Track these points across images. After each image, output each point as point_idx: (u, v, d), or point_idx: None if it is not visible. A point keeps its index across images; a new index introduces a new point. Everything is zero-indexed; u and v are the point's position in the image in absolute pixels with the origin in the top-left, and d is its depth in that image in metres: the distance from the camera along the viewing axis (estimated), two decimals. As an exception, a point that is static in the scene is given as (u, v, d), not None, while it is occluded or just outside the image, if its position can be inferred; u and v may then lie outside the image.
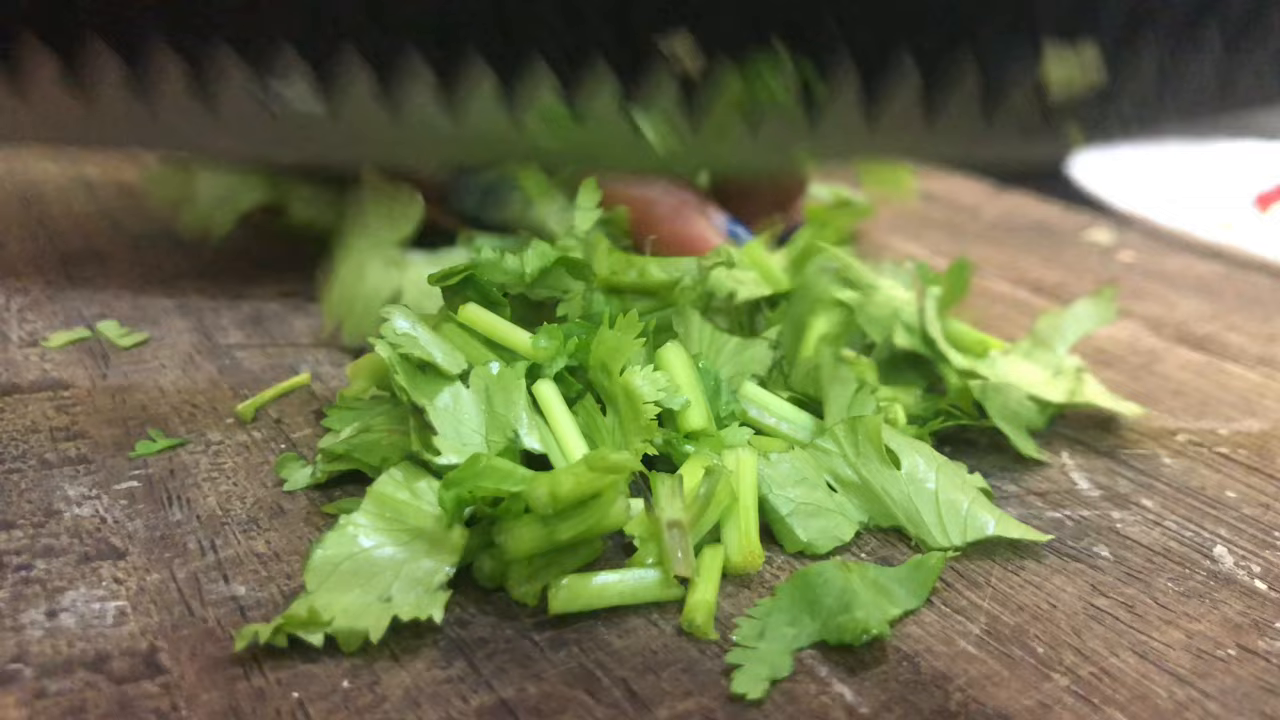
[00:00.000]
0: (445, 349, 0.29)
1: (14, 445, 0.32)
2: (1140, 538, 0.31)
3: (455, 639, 0.25)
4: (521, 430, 0.29)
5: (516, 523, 0.25)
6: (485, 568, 0.26)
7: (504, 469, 0.26)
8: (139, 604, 0.25)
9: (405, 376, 0.28)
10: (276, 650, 0.24)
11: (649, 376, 0.29)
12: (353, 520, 0.26)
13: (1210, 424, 0.39)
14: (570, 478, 0.25)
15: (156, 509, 0.29)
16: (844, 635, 0.25)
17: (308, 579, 0.25)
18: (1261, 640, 0.27)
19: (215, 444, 0.33)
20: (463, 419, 0.28)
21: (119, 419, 0.34)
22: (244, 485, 0.31)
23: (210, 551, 0.27)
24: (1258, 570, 0.30)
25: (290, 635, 0.24)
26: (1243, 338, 0.48)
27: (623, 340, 0.30)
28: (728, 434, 0.31)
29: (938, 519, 0.30)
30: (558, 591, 0.25)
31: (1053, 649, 0.26)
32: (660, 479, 0.26)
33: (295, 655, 0.24)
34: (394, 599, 0.24)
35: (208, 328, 0.41)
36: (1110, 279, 0.56)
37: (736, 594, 0.27)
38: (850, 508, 0.30)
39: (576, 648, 0.25)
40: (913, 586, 0.27)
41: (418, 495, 0.26)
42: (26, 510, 0.29)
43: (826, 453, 0.31)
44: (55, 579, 0.26)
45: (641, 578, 0.26)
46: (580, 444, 0.29)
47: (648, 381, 0.29)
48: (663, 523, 0.25)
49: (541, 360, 0.30)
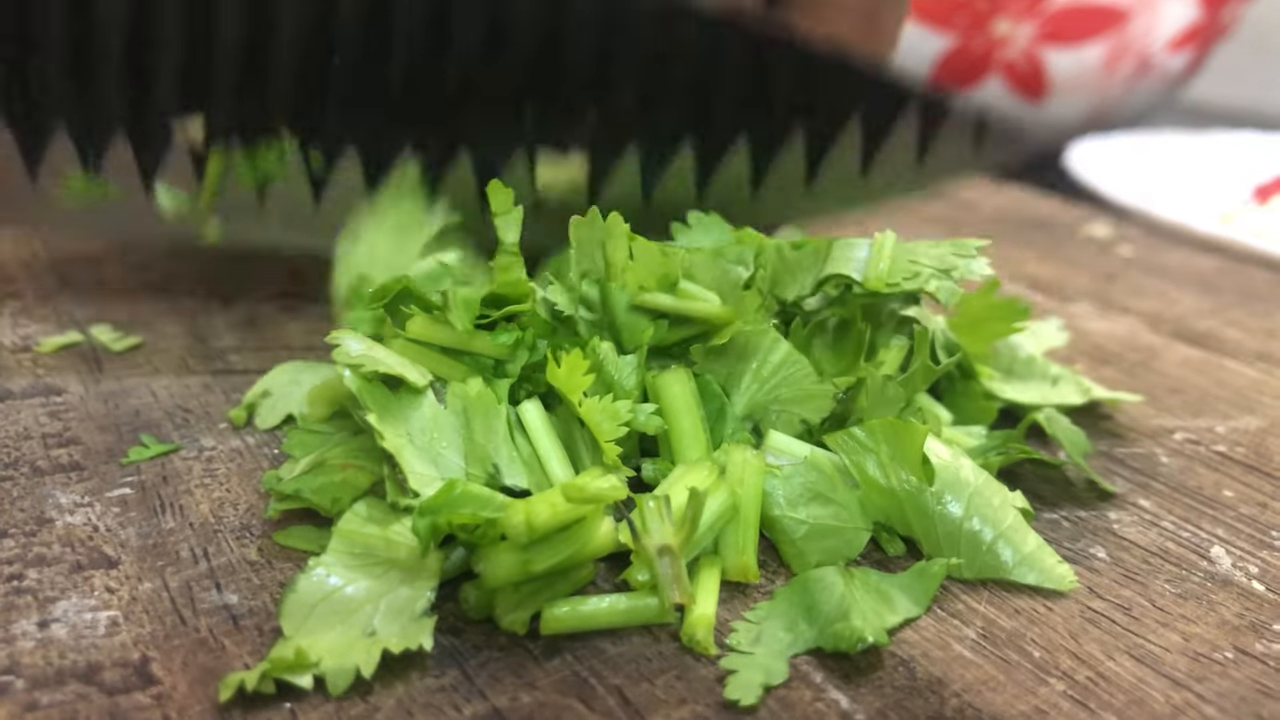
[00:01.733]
0: (407, 362, 0.29)
1: (6, 452, 0.31)
2: (1137, 539, 0.31)
3: (448, 647, 0.25)
4: (502, 463, 0.28)
5: (494, 550, 0.25)
6: (470, 599, 0.25)
7: (480, 495, 0.25)
8: (131, 614, 0.25)
9: (372, 401, 0.27)
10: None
11: (607, 410, 0.28)
12: (321, 562, 0.25)
13: (1208, 422, 0.39)
14: (547, 507, 0.24)
15: (149, 516, 0.29)
16: (840, 643, 0.25)
17: (284, 624, 0.24)
18: (1259, 642, 0.27)
19: (208, 450, 0.32)
20: (440, 448, 0.28)
21: (111, 425, 0.33)
22: (236, 491, 0.30)
23: (203, 559, 0.27)
24: (1255, 571, 0.30)
25: (277, 680, 0.23)
26: (1241, 333, 0.48)
27: (572, 379, 0.28)
28: (731, 451, 0.29)
29: (955, 546, 0.28)
30: (550, 620, 0.25)
31: (1049, 653, 0.26)
32: (645, 501, 0.26)
33: (288, 665, 0.24)
34: (378, 632, 0.24)
35: (201, 331, 0.41)
36: (1108, 274, 0.56)
37: (732, 599, 0.27)
38: (864, 514, 0.29)
39: (570, 655, 0.25)
40: (914, 594, 0.27)
41: (385, 527, 0.26)
42: (18, 519, 0.28)
43: (859, 445, 0.29)
44: (47, 589, 0.26)
45: (635, 604, 0.25)
46: (564, 471, 0.28)
47: (606, 416, 0.28)
48: (652, 551, 0.25)
49: (503, 356, 0.30)
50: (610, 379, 0.29)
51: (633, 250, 0.30)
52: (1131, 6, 0.82)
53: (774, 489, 0.29)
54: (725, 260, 0.30)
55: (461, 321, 0.29)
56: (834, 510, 0.29)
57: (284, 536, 0.28)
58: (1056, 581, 0.28)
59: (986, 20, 0.82)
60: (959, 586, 0.28)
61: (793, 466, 0.29)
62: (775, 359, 0.31)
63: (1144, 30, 0.84)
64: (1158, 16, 0.84)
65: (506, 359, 0.30)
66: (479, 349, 0.30)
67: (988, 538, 0.28)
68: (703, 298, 0.30)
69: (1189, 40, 0.87)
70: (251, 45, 0.38)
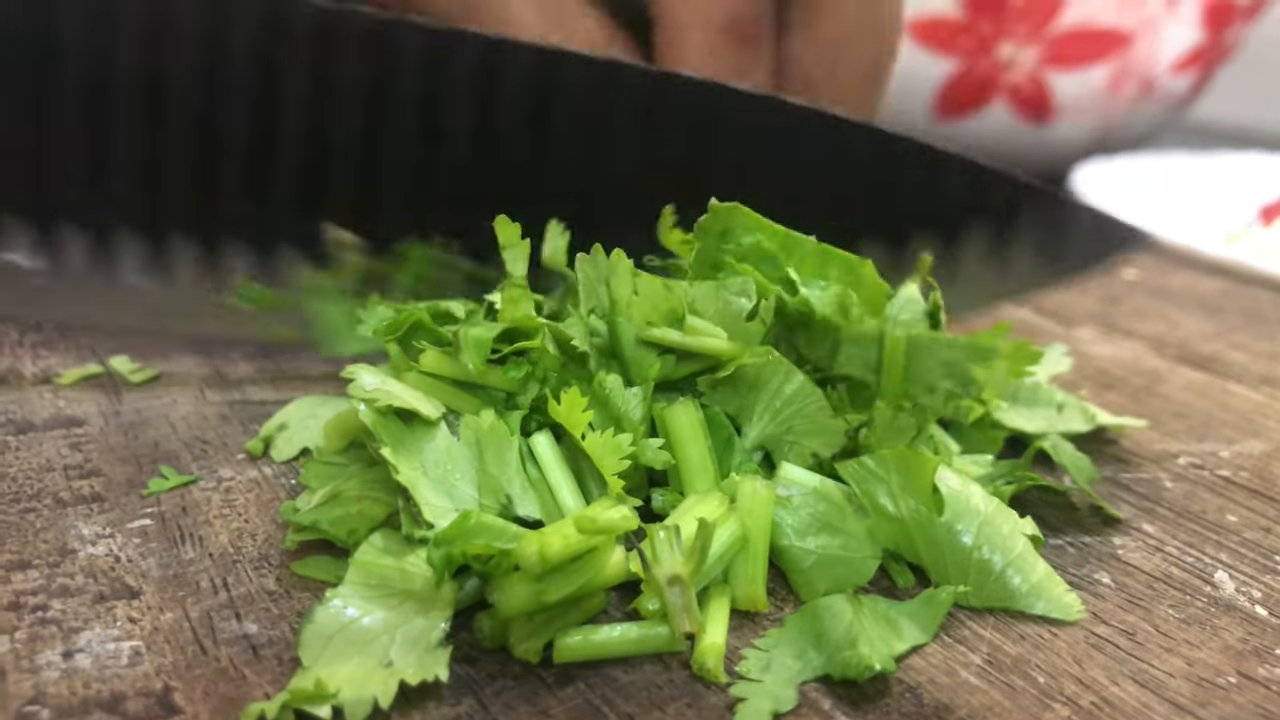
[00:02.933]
0: (421, 396, 0.29)
1: (30, 484, 0.32)
2: (1141, 564, 0.31)
3: (463, 677, 0.25)
4: (515, 494, 0.29)
5: (508, 580, 0.25)
6: (485, 628, 0.26)
7: (494, 526, 0.26)
8: (153, 644, 0.26)
9: (387, 435, 0.28)
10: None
11: (610, 444, 0.29)
12: (338, 593, 0.26)
13: (1212, 446, 0.39)
14: (559, 539, 0.25)
15: (169, 547, 0.30)
16: (848, 671, 0.25)
17: (302, 655, 0.25)
18: (1262, 667, 0.27)
19: (226, 480, 0.33)
20: (454, 479, 0.28)
21: (131, 456, 0.34)
22: (255, 522, 0.31)
23: (223, 589, 0.28)
24: (1258, 596, 0.30)
25: (296, 710, 0.24)
26: (1246, 356, 0.48)
27: (573, 415, 0.29)
28: (741, 481, 0.29)
29: (964, 574, 0.29)
30: (562, 649, 0.25)
31: (1053, 678, 0.26)
32: (655, 531, 0.26)
33: (307, 694, 0.24)
34: (395, 662, 0.24)
35: (217, 361, 0.41)
36: (1112, 298, 0.56)
37: (741, 627, 0.28)
38: (873, 541, 0.29)
39: (583, 683, 0.25)
40: (922, 621, 0.27)
41: (401, 558, 0.26)
42: (42, 550, 0.29)
43: (869, 474, 0.30)
44: (71, 619, 0.26)
45: (646, 633, 0.26)
46: (575, 501, 0.29)
47: (609, 450, 0.29)
48: (662, 581, 0.25)
49: (513, 389, 0.30)
50: (617, 412, 0.30)
51: (637, 285, 0.31)
52: (1135, 29, 0.83)
53: (782, 519, 0.29)
54: (727, 291, 0.31)
55: (473, 361, 0.29)
56: (842, 540, 0.29)
57: (302, 566, 0.29)
58: (1064, 611, 0.28)
59: (991, 44, 0.83)
60: (965, 613, 0.29)
61: (801, 496, 0.29)
62: (789, 390, 0.31)
63: (1147, 53, 0.85)
64: (1161, 39, 0.84)
65: (517, 392, 0.31)
66: (491, 383, 0.30)
67: (996, 566, 0.29)
68: (709, 332, 0.31)
69: (1192, 62, 0.88)
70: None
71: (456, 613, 0.26)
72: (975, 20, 0.82)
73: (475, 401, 0.31)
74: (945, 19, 0.82)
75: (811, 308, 0.31)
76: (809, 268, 0.32)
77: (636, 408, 0.30)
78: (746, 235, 0.32)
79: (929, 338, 0.30)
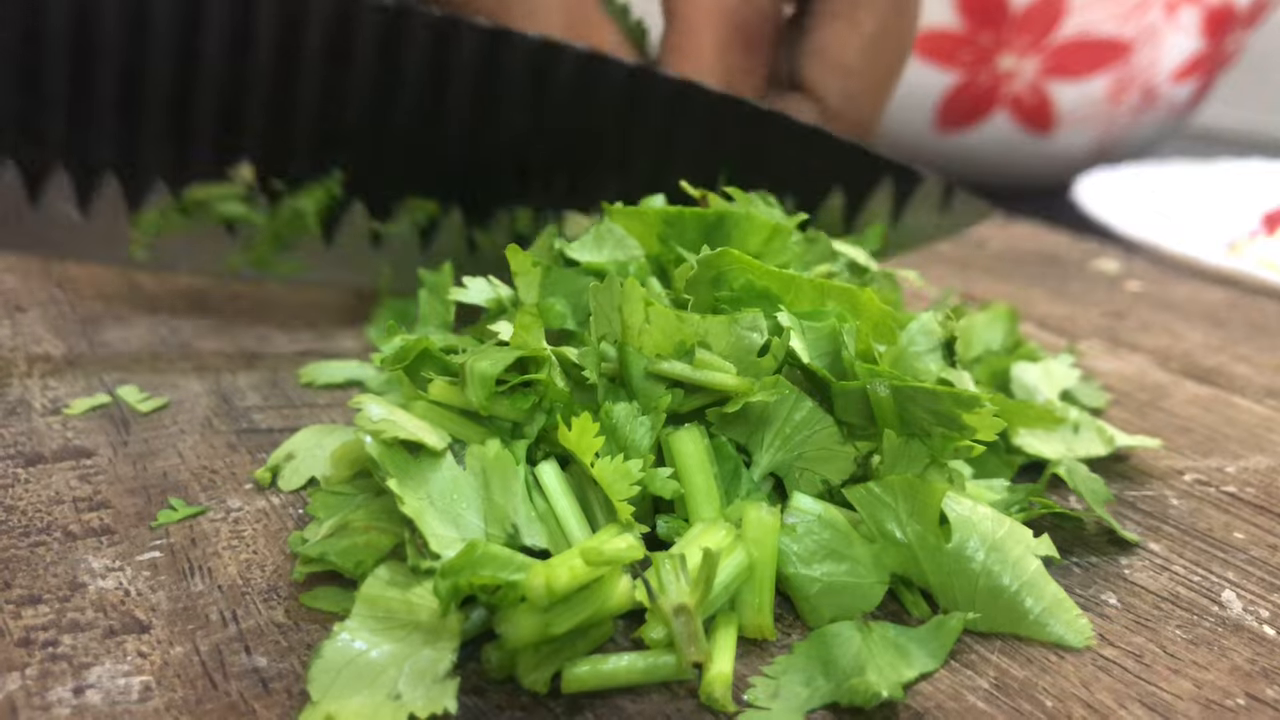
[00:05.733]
0: (426, 426, 0.30)
1: (39, 517, 0.32)
2: (1148, 584, 0.31)
3: (472, 708, 0.25)
4: (521, 523, 0.29)
5: (515, 612, 0.25)
6: (493, 659, 0.26)
7: (501, 556, 0.26)
8: (163, 679, 0.26)
9: (392, 466, 0.28)
10: (298, 724, 0.24)
11: (619, 470, 0.29)
12: (345, 626, 0.26)
13: (1218, 461, 0.39)
14: (566, 570, 0.25)
15: (178, 580, 0.30)
16: (856, 698, 0.25)
17: (311, 690, 0.25)
18: (1270, 689, 0.27)
19: (235, 511, 0.33)
20: (460, 509, 0.28)
21: (140, 487, 0.34)
22: (263, 553, 0.31)
23: (232, 622, 0.28)
24: (1266, 615, 0.30)
25: None
26: (1250, 369, 0.48)
27: (583, 441, 0.29)
28: (747, 509, 0.29)
29: (971, 600, 0.29)
30: (570, 679, 0.26)
31: (1061, 702, 0.26)
32: (661, 560, 0.26)
33: (316, 728, 0.24)
34: (403, 695, 0.25)
35: (225, 390, 0.41)
36: (1117, 311, 0.56)
37: (749, 654, 0.28)
38: (880, 567, 0.29)
39: (591, 714, 0.25)
40: (931, 648, 0.27)
41: (407, 590, 0.26)
42: (52, 584, 0.29)
43: (877, 500, 0.30)
44: (81, 655, 0.27)
45: (654, 662, 0.26)
46: (581, 530, 0.29)
47: (618, 476, 0.29)
48: (668, 610, 0.26)
49: (520, 419, 0.31)
50: (625, 439, 0.30)
51: (649, 315, 0.31)
52: (1135, 38, 0.83)
53: (787, 546, 0.29)
54: (739, 326, 0.31)
55: (478, 396, 0.30)
56: (848, 566, 0.29)
57: (310, 598, 0.29)
58: (1073, 636, 0.28)
59: (992, 56, 0.83)
60: (971, 636, 0.29)
61: (806, 523, 0.29)
62: (799, 417, 0.31)
63: (1148, 62, 0.85)
64: (1161, 48, 0.85)
65: (524, 421, 0.31)
66: (497, 413, 0.30)
67: (1005, 593, 0.29)
68: (718, 366, 0.31)
69: (1193, 70, 0.88)
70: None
71: (464, 644, 0.26)
72: (976, 32, 0.82)
73: (481, 431, 0.31)
74: (946, 31, 0.82)
75: (798, 358, 0.31)
76: (806, 303, 0.32)
77: (644, 436, 0.30)
78: (737, 278, 0.32)
79: (912, 390, 0.30)
